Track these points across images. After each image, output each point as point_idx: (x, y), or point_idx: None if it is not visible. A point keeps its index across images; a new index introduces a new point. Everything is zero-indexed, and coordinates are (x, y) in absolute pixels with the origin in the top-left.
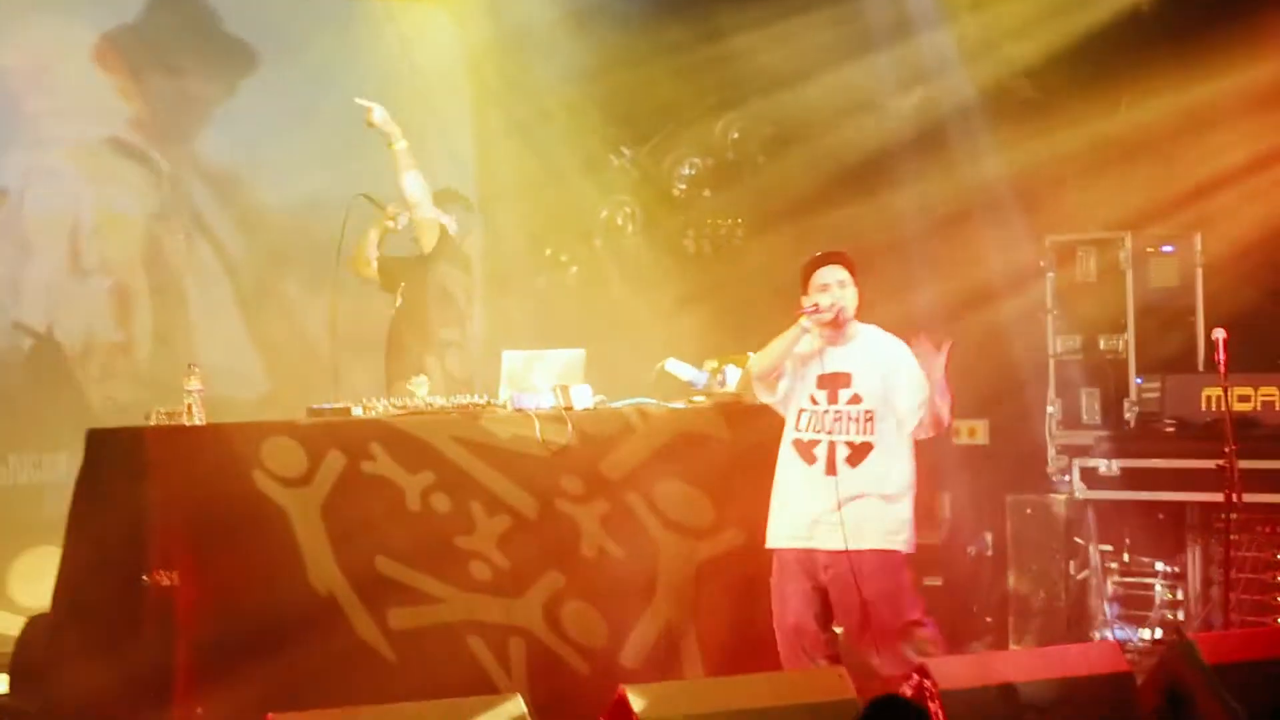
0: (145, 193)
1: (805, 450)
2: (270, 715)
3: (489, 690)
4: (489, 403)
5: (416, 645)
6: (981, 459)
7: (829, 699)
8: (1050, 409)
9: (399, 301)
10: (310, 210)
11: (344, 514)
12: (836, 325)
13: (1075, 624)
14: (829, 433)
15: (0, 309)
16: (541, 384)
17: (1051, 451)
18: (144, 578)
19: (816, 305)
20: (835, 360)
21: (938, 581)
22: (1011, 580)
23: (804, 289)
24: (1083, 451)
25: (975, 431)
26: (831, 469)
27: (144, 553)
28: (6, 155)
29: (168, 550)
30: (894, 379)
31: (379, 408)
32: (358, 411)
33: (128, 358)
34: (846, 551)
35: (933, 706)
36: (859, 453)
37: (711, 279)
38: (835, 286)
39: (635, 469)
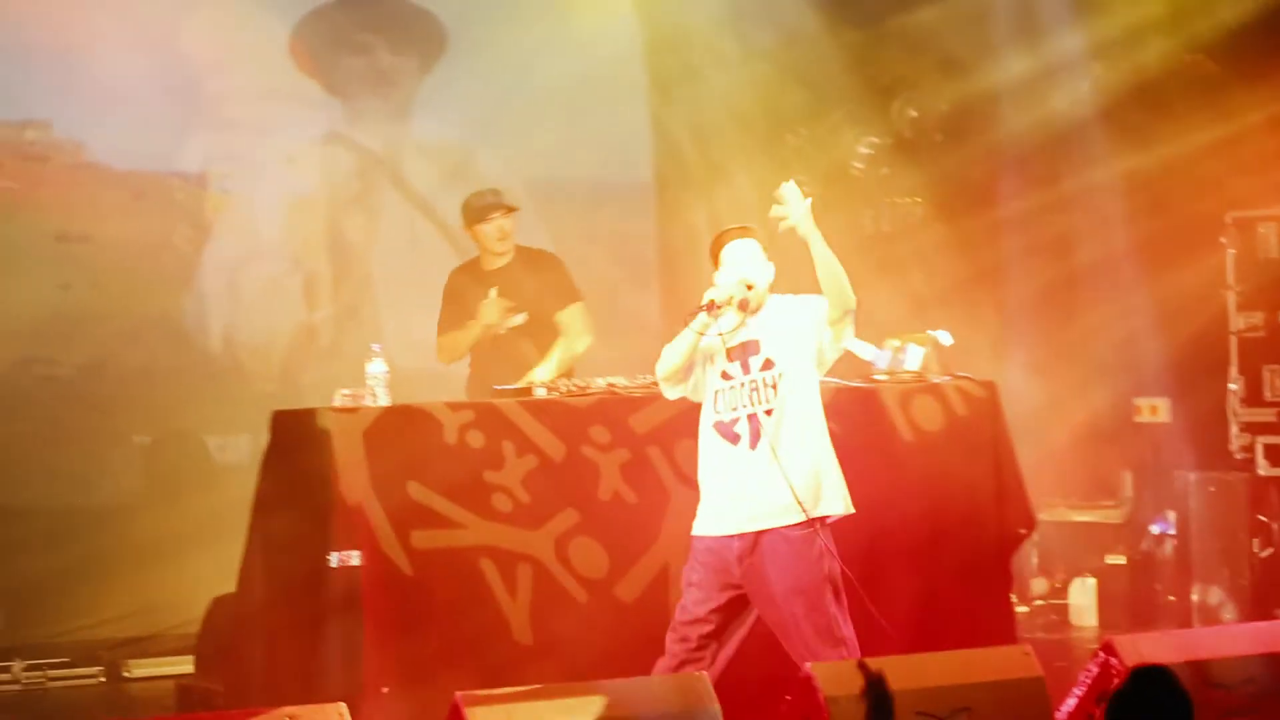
0: (331, 172)
1: (727, 430)
2: (458, 693)
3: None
4: None
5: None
6: (1163, 437)
7: (1015, 677)
8: (1232, 386)
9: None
10: (512, 185)
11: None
12: (746, 309)
13: (1260, 601)
14: (746, 406)
15: (186, 292)
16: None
17: (1234, 429)
18: (329, 557)
19: (712, 301)
20: (743, 331)
21: (1121, 560)
22: (1195, 558)
23: (715, 266)
24: (1266, 429)
25: (1157, 410)
26: (755, 443)
27: (329, 532)
28: (189, 138)
29: (352, 530)
30: (796, 316)
31: (562, 388)
32: (540, 393)
33: (312, 339)
34: (762, 533)
35: (1118, 683)
36: (778, 419)
37: (892, 257)
38: (745, 263)
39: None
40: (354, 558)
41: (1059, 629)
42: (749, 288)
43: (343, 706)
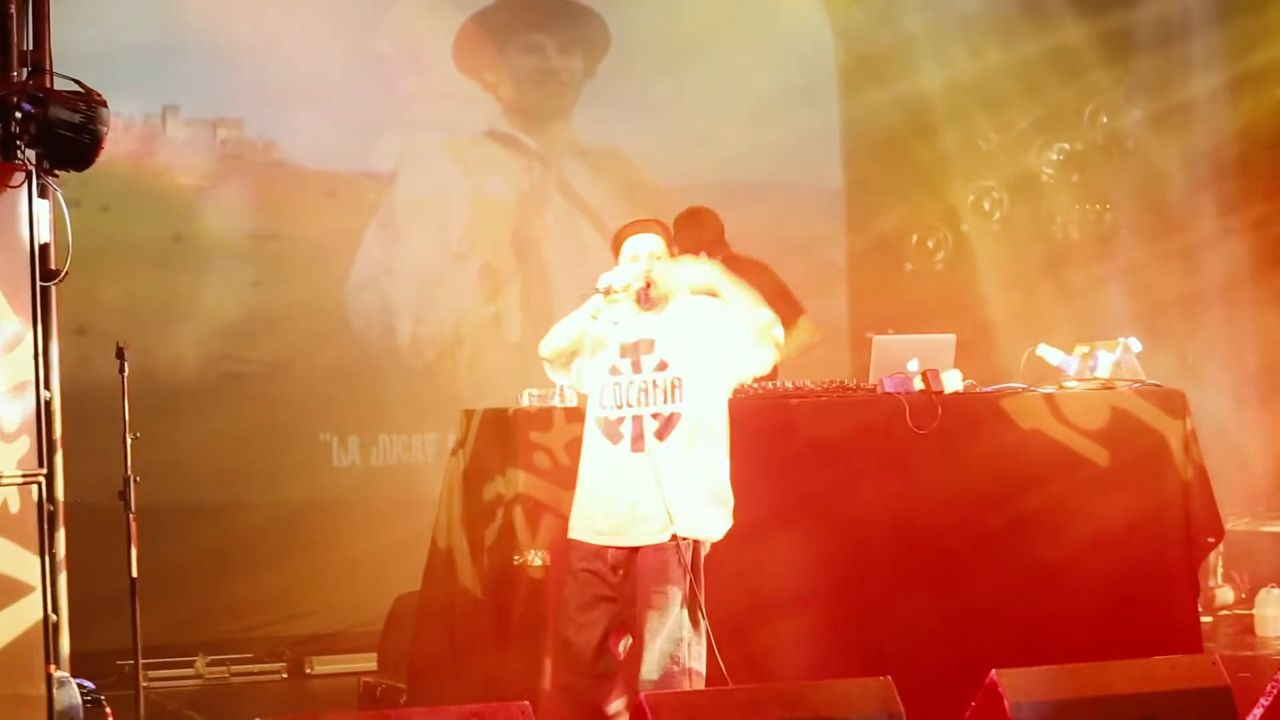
0: (514, 175)
1: (610, 429)
2: (643, 694)
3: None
4: (859, 385)
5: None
6: None
7: (1201, 686)
8: None
9: None
10: (687, 188)
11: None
12: (644, 301)
13: None
14: (633, 406)
15: (373, 290)
16: (911, 368)
17: None
18: (515, 558)
19: (610, 287)
20: (638, 327)
21: None
22: None
23: (615, 259)
24: None
25: None
26: (639, 445)
27: (513, 532)
28: (381, 139)
29: (537, 532)
30: (704, 331)
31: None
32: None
33: (500, 337)
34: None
35: None
36: (667, 424)
37: (1080, 265)
38: (646, 258)
39: None
40: (538, 557)
41: (1244, 640)
42: (648, 282)
43: (526, 705)
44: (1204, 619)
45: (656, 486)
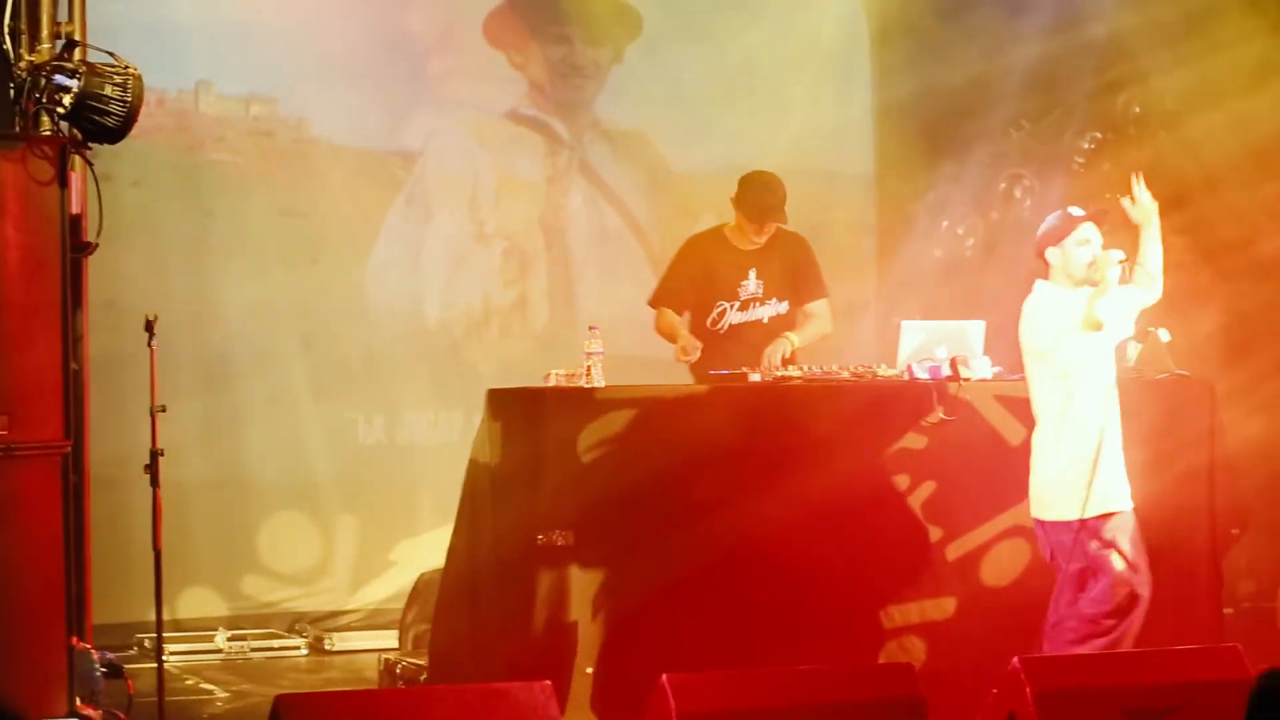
0: (540, 157)
1: None
2: (665, 675)
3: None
4: (886, 371)
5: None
6: None
7: (1224, 678)
8: None
9: None
10: (718, 173)
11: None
12: None
13: None
14: None
15: (398, 269)
16: (940, 355)
17: None
18: (538, 537)
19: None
20: None
21: None
22: None
23: (1055, 240)
24: None
25: None
26: None
27: (539, 512)
28: (411, 117)
29: (562, 511)
30: None
31: (775, 374)
32: (755, 378)
33: (524, 319)
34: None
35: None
36: None
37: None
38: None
39: None
40: (561, 538)
41: (1266, 632)
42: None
43: (548, 685)
44: (1226, 610)
45: None
